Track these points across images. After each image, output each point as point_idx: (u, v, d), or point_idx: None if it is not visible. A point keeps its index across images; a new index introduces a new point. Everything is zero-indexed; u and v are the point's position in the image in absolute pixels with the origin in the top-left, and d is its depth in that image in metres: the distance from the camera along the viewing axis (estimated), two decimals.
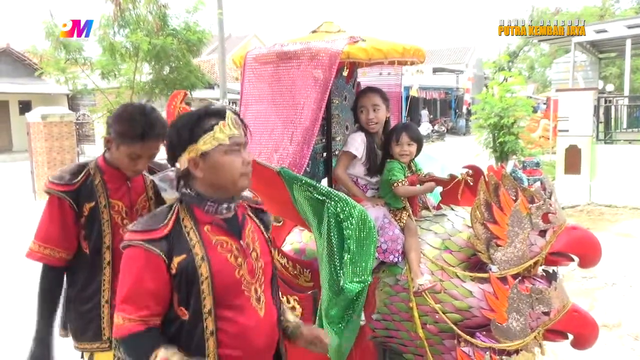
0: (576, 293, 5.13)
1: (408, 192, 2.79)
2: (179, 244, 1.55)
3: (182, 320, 1.55)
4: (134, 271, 1.52)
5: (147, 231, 1.54)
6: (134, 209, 2.27)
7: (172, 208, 1.61)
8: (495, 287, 2.44)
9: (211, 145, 1.57)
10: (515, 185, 2.52)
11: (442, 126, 28.32)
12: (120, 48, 10.34)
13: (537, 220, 2.45)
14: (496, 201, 2.48)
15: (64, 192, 2.14)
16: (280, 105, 2.65)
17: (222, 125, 1.59)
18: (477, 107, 10.82)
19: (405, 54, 2.72)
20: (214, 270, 1.55)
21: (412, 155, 2.85)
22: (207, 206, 1.62)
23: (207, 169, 1.59)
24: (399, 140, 2.82)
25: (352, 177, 2.89)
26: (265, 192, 2.46)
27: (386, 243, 2.64)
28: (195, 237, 1.57)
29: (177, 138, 1.59)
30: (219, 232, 1.62)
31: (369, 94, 2.87)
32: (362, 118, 2.86)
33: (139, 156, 2.16)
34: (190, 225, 1.59)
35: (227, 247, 1.61)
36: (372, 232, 2.23)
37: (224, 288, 1.57)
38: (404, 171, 2.81)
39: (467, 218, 2.63)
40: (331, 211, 2.22)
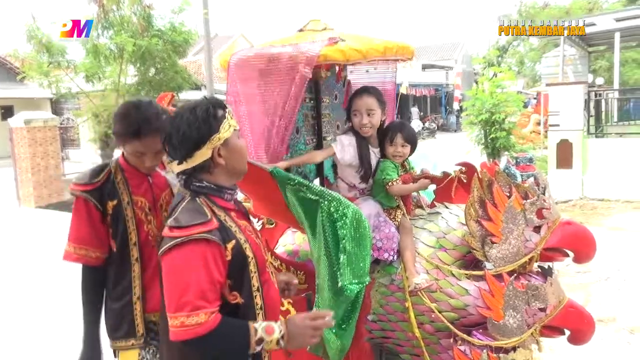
0: (571, 288, 5.18)
1: (402, 191, 2.79)
2: (225, 232, 1.67)
3: (235, 304, 1.67)
4: (202, 264, 1.56)
5: (202, 223, 1.60)
6: (157, 204, 2.30)
7: (197, 201, 1.69)
8: (491, 284, 2.45)
9: (229, 132, 1.72)
10: (509, 181, 2.54)
11: (432, 123, 28.44)
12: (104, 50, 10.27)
13: (532, 216, 2.46)
14: (490, 198, 2.50)
15: (87, 191, 2.18)
16: (263, 107, 2.66)
17: (229, 112, 1.75)
18: (468, 103, 10.87)
19: (386, 53, 2.66)
20: (254, 250, 1.73)
21: (405, 156, 2.85)
22: (227, 194, 1.77)
23: (229, 155, 1.73)
24: (393, 141, 2.81)
25: (349, 182, 2.88)
26: (257, 193, 2.46)
27: (381, 241, 2.65)
28: (233, 224, 1.72)
29: (196, 132, 1.66)
30: (241, 217, 1.82)
31: (364, 97, 2.79)
32: (355, 122, 2.80)
33: (142, 153, 2.18)
34: (223, 214, 1.72)
35: (251, 229, 1.82)
36: (366, 232, 2.23)
37: (261, 265, 1.76)
38: (397, 170, 2.82)
39: (461, 216, 2.64)
40: (325, 211, 2.22)
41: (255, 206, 2.57)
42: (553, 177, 9.82)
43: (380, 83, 3.21)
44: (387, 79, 3.31)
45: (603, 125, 11.75)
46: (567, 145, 9.82)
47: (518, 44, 37.13)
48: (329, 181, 3.25)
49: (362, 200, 2.81)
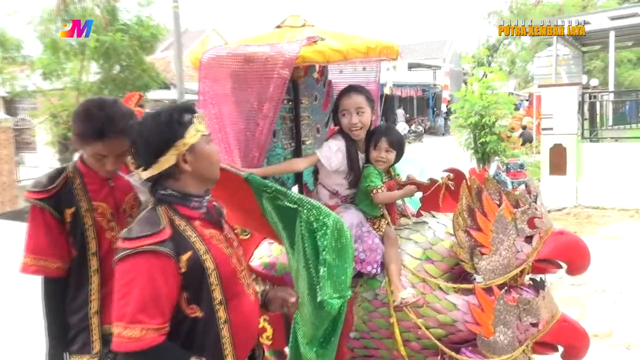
0: (565, 301, 5.25)
1: (387, 199, 2.81)
2: (181, 243, 1.70)
3: (193, 318, 1.71)
4: (145, 277, 1.60)
5: (151, 235, 1.65)
6: (120, 209, 2.29)
7: (157, 211, 1.74)
8: (480, 298, 2.48)
9: (196, 137, 1.76)
10: (499, 189, 2.58)
11: (419, 126, 28.64)
12: (64, 45, 10.17)
13: (523, 225, 2.50)
14: (479, 206, 2.53)
15: (43, 199, 2.17)
16: (238, 108, 2.66)
17: (197, 117, 1.79)
18: (456, 105, 10.98)
19: (369, 53, 2.68)
20: (217, 261, 1.75)
21: (389, 162, 2.87)
22: (193, 202, 1.80)
23: (195, 162, 1.77)
24: (377, 145, 2.83)
25: (332, 189, 2.90)
26: (231, 201, 2.45)
27: (364, 253, 2.66)
28: (193, 234, 1.75)
29: (159, 138, 1.72)
30: (208, 225, 1.83)
31: (352, 95, 2.81)
32: (344, 122, 2.81)
33: (103, 156, 2.17)
34: (184, 223, 1.76)
35: (219, 239, 1.84)
36: (348, 243, 2.24)
37: (227, 278, 1.78)
38: (381, 177, 2.83)
39: (449, 225, 2.67)
40: (304, 220, 2.22)
41: (228, 215, 2.55)
42: (546, 184, 9.97)
43: (364, 83, 3.23)
44: (370, 79, 3.33)
45: (598, 129, 11.96)
46: (560, 150, 9.97)
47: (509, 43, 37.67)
48: (308, 188, 3.26)
49: (343, 208, 2.82)
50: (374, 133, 2.88)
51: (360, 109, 2.79)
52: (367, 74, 3.31)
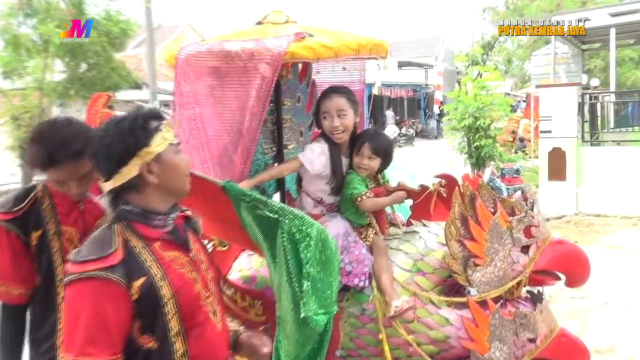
0: (565, 315, 5.30)
1: (374, 206, 2.83)
2: (135, 267, 1.63)
3: (147, 349, 1.64)
4: (92, 306, 1.55)
5: (99, 259, 1.58)
6: (88, 235, 2.25)
7: (112, 230, 1.68)
8: (474, 312, 2.50)
9: (163, 146, 1.71)
10: (494, 195, 2.61)
11: (410, 129, 28.81)
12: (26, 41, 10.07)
13: (519, 235, 2.53)
14: (473, 215, 2.56)
15: (8, 220, 2.14)
16: (220, 109, 2.66)
17: (166, 124, 1.75)
18: (450, 106, 11.08)
19: (360, 51, 2.72)
20: (175, 288, 1.68)
21: (371, 170, 2.89)
22: (156, 221, 1.74)
23: (162, 173, 1.71)
24: (360, 151, 2.86)
25: (316, 196, 2.92)
26: (207, 210, 2.45)
27: (351, 264, 2.67)
28: (150, 257, 1.68)
29: (121, 145, 1.66)
30: (170, 247, 1.76)
31: (333, 97, 2.84)
32: (326, 125, 2.84)
33: (63, 182, 2.15)
34: (140, 244, 1.68)
35: (181, 262, 1.76)
36: (334, 254, 2.24)
37: (188, 306, 1.71)
38: (365, 183, 2.86)
39: (441, 235, 2.69)
40: (285, 231, 2.22)
41: (205, 226, 2.55)
42: (544, 190, 10.05)
43: (348, 83, 3.26)
44: (355, 78, 3.37)
45: (599, 131, 12.10)
46: (559, 155, 10.06)
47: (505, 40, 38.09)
48: (291, 196, 3.26)
49: (328, 217, 2.84)
50: (359, 138, 2.90)
51: (341, 112, 2.82)
52: (351, 74, 3.35)
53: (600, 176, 10.01)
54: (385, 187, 2.96)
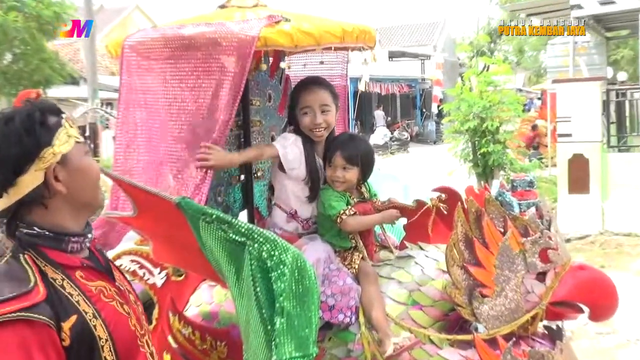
0: (590, 354, 5.33)
1: (359, 225, 2.85)
2: (61, 305, 1.54)
3: None
4: (18, 357, 1.44)
5: (17, 297, 1.47)
6: None
7: (20, 261, 1.57)
8: (482, 353, 2.51)
9: (69, 145, 1.64)
10: (503, 212, 2.63)
11: (404, 132, 28.86)
12: None
13: (534, 259, 2.55)
14: (479, 236, 2.58)
15: None
16: (176, 110, 2.65)
17: (67, 119, 1.68)
18: (451, 105, 11.11)
19: (346, 38, 2.75)
20: (111, 327, 1.62)
21: (349, 182, 2.91)
22: (72, 244, 1.66)
23: (71, 179, 1.64)
24: (332, 162, 2.88)
25: (289, 208, 2.93)
26: (159, 232, 2.44)
27: (334, 297, 2.68)
28: (75, 291, 1.59)
29: (17, 148, 1.57)
30: (94, 276, 1.69)
31: (315, 90, 2.90)
32: (306, 122, 2.89)
33: None
34: (60, 276, 1.59)
35: (109, 294, 1.69)
36: (313, 286, 2.24)
37: (126, 347, 1.66)
38: (344, 199, 2.87)
39: (441, 260, 2.71)
40: (254, 257, 2.22)
41: (155, 250, 2.55)
42: (564, 205, 10.10)
43: (327, 77, 3.28)
44: (335, 72, 3.40)
45: (627, 135, 12.17)
46: (581, 162, 10.08)
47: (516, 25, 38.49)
48: (260, 214, 3.27)
49: (306, 240, 2.85)
50: (329, 147, 2.94)
51: (325, 107, 2.89)
52: (332, 67, 3.38)
53: (629, 188, 10.01)
54: (372, 203, 2.97)
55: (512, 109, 10.53)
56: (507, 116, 10.59)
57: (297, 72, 3.41)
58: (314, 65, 3.40)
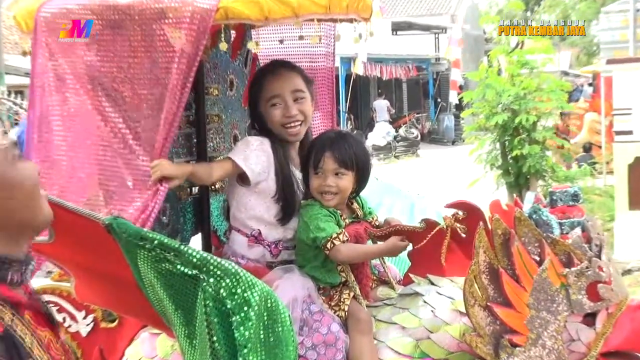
0: None
1: (354, 255, 2.86)
2: (16, 348, 1.56)
3: None
4: None
5: None
6: None
7: None
8: None
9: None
10: (539, 235, 2.64)
11: (412, 129, 28.76)
12: None
13: (580, 296, 2.56)
14: (507, 265, 2.59)
15: None
16: (107, 101, 2.66)
17: None
18: (474, 94, 11.11)
19: (332, 8, 2.75)
20: None
21: (343, 194, 2.92)
22: (13, 274, 1.65)
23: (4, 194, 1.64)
24: (319, 166, 2.89)
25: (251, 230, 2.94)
26: (83, 264, 2.44)
27: (315, 349, 2.69)
28: (27, 334, 1.61)
29: None
30: (40, 322, 1.72)
31: (283, 73, 2.93)
32: (275, 116, 2.91)
33: None
34: (9, 313, 1.60)
35: (57, 348, 1.74)
36: (287, 333, 2.25)
37: None
38: (335, 218, 2.88)
39: (457, 298, 2.72)
40: (210, 296, 2.23)
41: (78, 288, 2.55)
42: (622, 225, 10.08)
43: (308, 59, 3.29)
44: (319, 50, 3.40)
45: None
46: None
47: None
48: (219, 239, 3.27)
49: (279, 272, 2.86)
50: (312, 148, 2.95)
51: (298, 93, 2.92)
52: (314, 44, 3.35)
53: None
54: (368, 225, 2.98)
55: (553, 98, 10.51)
56: (547, 108, 10.58)
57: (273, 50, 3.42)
58: (292, 42, 3.39)
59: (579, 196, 2.78)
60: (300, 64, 3.13)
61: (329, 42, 3.41)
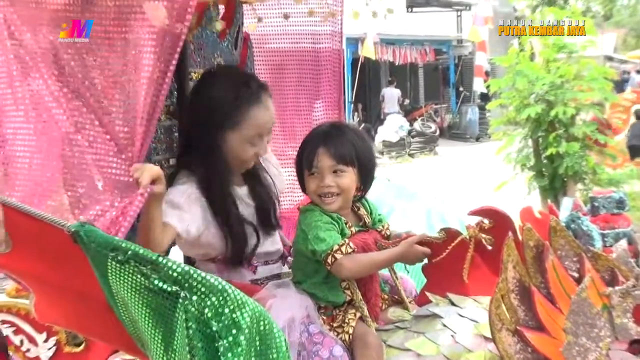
0: None
1: (361, 269, 2.86)
2: None
3: None
4: None
5: None
6: None
7: None
8: None
9: None
10: (578, 248, 2.65)
11: (429, 122, 28.79)
12: None
13: (625, 320, 2.57)
14: (540, 283, 2.59)
15: None
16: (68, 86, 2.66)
17: None
18: (502, 82, 11.13)
19: None
20: None
21: (346, 195, 2.94)
22: None
23: None
24: (313, 165, 2.91)
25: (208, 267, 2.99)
26: (45, 278, 2.44)
27: None
28: None
29: None
30: None
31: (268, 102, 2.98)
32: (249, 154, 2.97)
33: None
34: None
35: None
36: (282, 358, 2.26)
37: None
38: (338, 224, 2.89)
39: (482, 321, 2.73)
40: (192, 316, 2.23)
41: (39, 306, 2.56)
42: None
43: (311, 39, 3.30)
44: (324, 29, 3.40)
45: None
46: None
47: None
48: None
49: (273, 289, 2.88)
50: (305, 145, 2.98)
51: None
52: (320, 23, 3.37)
53: None
54: (377, 233, 2.98)
55: (595, 87, 10.51)
56: (588, 99, 10.58)
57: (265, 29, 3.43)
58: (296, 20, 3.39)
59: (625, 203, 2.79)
60: (302, 44, 3.13)
61: (335, 19, 3.40)
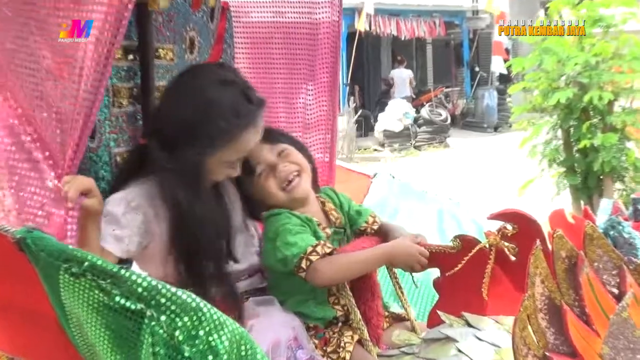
0: None
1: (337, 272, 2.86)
2: None
3: None
4: None
5: None
6: None
7: None
8: None
9: None
10: (618, 259, 2.65)
11: (439, 108, 28.76)
12: None
13: None
14: (573, 300, 2.59)
15: None
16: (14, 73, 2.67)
17: None
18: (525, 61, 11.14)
19: None
20: None
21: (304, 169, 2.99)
22: None
23: None
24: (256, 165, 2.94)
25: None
26: None
27: None
28: None
29: None
30: None
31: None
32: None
33: None
34: None
35: None
36: None
37: None
38: (311, 225, 2.92)
39: (504, 345, 2.73)
40: (161, 339, 2.23)
41: None
42: None
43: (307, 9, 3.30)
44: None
45: None
46: None
47: None
48: None
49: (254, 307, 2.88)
50: None
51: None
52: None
53: None
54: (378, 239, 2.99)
55: (637, 68, 10.49)
56: (629, 81, 10.56)
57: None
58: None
59: None
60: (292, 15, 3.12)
61: None
